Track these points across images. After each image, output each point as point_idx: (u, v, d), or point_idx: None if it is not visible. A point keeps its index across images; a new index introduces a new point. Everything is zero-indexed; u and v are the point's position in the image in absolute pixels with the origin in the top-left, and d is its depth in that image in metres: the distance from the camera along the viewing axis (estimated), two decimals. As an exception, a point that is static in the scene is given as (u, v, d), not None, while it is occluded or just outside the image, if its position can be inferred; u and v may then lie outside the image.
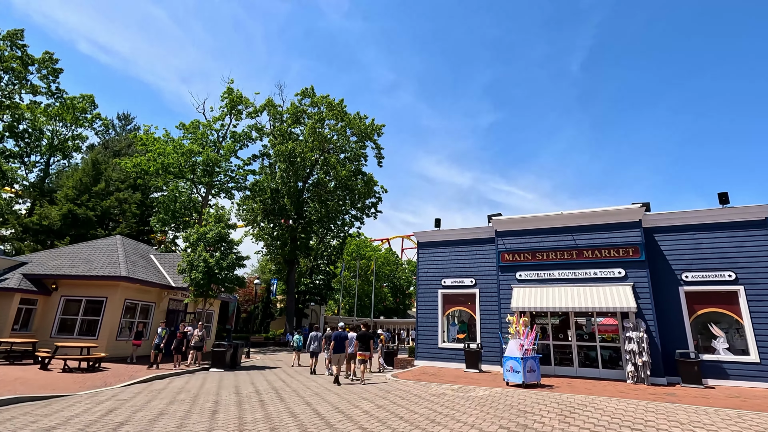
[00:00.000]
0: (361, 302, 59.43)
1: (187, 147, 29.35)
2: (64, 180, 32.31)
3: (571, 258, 15.88)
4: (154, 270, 20.05)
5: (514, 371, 12.45)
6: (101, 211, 30.21)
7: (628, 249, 15.08)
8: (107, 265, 17.62)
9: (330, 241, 45.46)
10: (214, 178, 32.88)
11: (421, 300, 19.16)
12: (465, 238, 18.87)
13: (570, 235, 16.15)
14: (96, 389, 10.92)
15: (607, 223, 15.63)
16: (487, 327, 17.29)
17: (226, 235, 18.81)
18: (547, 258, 16.26)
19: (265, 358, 22.71)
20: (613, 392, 11.53)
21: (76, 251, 19.09)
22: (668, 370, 13.78)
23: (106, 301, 17.07)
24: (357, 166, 39.07)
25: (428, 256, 19.54)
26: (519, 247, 16.84)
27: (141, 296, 18.63)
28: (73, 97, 38.20)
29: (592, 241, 15.73)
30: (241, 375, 14.91)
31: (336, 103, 37.48)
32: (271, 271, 44.75)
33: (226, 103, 33.98)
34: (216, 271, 17.57)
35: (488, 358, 16.77)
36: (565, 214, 16.19)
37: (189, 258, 17.79)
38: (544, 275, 16.11)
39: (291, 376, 15.06)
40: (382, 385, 12.74)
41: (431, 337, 18.34)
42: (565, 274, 15.79)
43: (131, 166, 29.91)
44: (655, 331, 13.97)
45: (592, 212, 15.84)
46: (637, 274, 14.74)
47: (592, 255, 15.57)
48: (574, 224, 16.13)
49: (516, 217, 17.11)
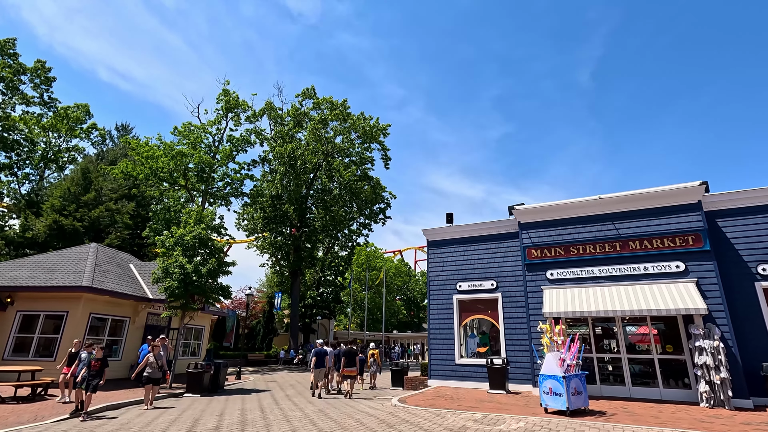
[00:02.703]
0: (373, 316, 56.46)
1: (178, 149, 27.34)
2: (52, 190, 30.59)
3: (613, 251, 13.04)
4: (129, 280, 17.74)
5: (555, 394, 9.61)
6: (90, 222, 28.28)
7: (687, 237, 12.19)
8: (70, 275, 15.37)
9: (338, 251, 43.00)
10: (211, 186, 30.83)
11: (434, 308, 16.41)
12: (482, 234, 16.16)
13: (611, 223, 13.34)
14: (11, 428, 8.45)
15: (658, 207, 12.80)
16: (513, 338, 14.45)
17: (207, 238, 16.45)
18: (583, 252, 13.45)
19: (259, 379, 20.07)
20: (692, 422, 8.60)
21: (40, 261, 16.93)
22: (753, 389, 10.76)
23: (66, 315, 14.75)
24: (363, 171, 36.77)
25: (440, 257, 16.85)
26: (548, 241, 14.08)
27: (112, 310, 16.29)
28: (67, 107, 36.90)
29: (640, 229, 12.89)
30: (215, 403, 12.30)
31: (339, 104, 35.41)
32: (275, 284, 42.30)
33: (222, 106, 32.08)
34: (194, 278, 15.15)
35: (516, 376, 13.90)
36: (604, 199, 13.41)
37: (164, 264, 15.44)
38: (581, 273, 13.28)
39: (277, 402, 12.41)
40: (387, 413, 10.02)
41: (446, 352, 15.54)
42: (608, 271, 12.94)
43: (118, 172, 28.03)
44: (731, 339, 10.99)
45: (638, 194, 13.03)
46: (702, 268, 11.82)
47: (641, 246, 12.71)
48: (616, 210, 13.33)
49: (543, 206, 14.38)
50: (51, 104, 36.45)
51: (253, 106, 34.19)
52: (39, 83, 35.15)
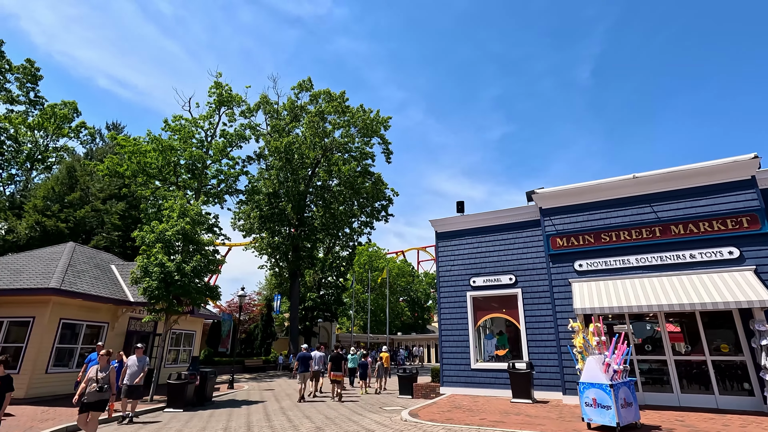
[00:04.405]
0: (376, 318, 54.69)
1: (167, 143, 25.72)
2: (35, 191, 29.01)
3: (652, 237, 11.36)
4: (108, 282, 16.11)
5: (601, 406, 7.92)
6: (75, 223, 26.68)
7: (741, 218, 10.51)
8: (37, 276, 13.74)
9: (339, 251, 41.33)
10: (204, 183, 29.18)
11: (445, 307, 14.74)
12: (498, 223, 14.50)
13: (648, 205, 11.66)
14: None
15: (704, 185, 11.12)
16: (537, 339, 12.78)
17: (192, 234, 14.82)
18: (617, 239, 11.77)
19: (254, 388, 18.40)
20: (778, 440, 6.92)
21: (9, 262, 15.31)
22: (832, 395, 9.06)
23: (33, 321, 13.12)
24: (364, 167, 35.16)
25: (451, 250, 15.18)
26: (575, 228, 12.40)
27: (86, 315, 14.65)
28: (54, 104, 35.44)
29: (683, 211, 11.21)
30: (195, 420, 10.63)
31: (337, 95, 33.82)
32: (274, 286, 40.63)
33: (214, 99, 30.45)
34: (176, 277, 13.52)
35: (542, 382, 12.22)
36: (639, 178, 11.74)
37: (143, 263, 13.82)
38: (615, 263, 11.60)
39: (269, 417, 10.74)
40: (397, 430, 8.35)
41: (461, 356, 13.86)
42: (647, 260, 11.26)
43: (104, 168, 26.43)
44: (803, 335, 9.29)
45: (680, 171, 11.36)
46: (761, 254, 10.14)
47: (685, 231, 11.03)
48: (654, 191, 11.65)
49: (569, 188, 12.71)
50: (37, 102, 35.02)
51: (247, 99, 32.64)
52: (25, 81, 33.70)
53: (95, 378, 7.72)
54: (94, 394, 7.61)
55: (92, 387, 7.64)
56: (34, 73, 34.08)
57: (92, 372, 7.86)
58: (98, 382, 7.68)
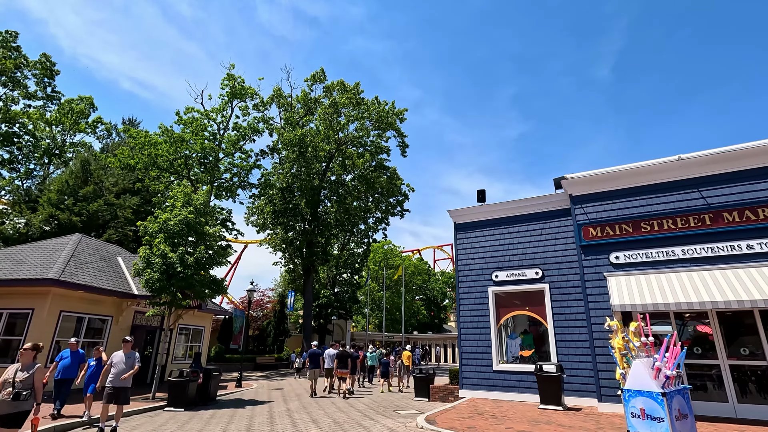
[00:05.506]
0: (392, 316, 53.73)
1: (178, 134, 25.24)
2: (50, 184, 29.00)
3: (701, 225, 10.08)
4: (113, 274, 15.55)
5: (651, 418, 6.77)
6: (88, 216, 26.49)
7: (808, 203, 9.17)
8: (38, 267, 13.22)
9: (353, 248, 40.49)
10: (216, 177, 28.67)
11: (465, 304, 13.66)
12: (522, 213, 13.35)
13: (696, 190, 10.38)
14: None
15: (761, 167, 9.80)
16: (567, 339, 11.60)
17: (196, 224, 14.09)
18: (659, 229, 10.52)
19: (263, 387, 17.65)
20: None
21: (12, 252, 14.89)
22: None
23: (32, 314, 12.58)
24: (379, 161, 34.23)
25: (471, 242, 14.09)
26: (611, 216, 11.18)
27: (89, 308, 14.08)
28: (71, 99, 35.55)
29: (737, 196, 9.90)
30: (194, 421, 9.84)
31: (351, 87, 32.93)
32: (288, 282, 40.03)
33: (227, 92, 29.90)
34: (179, 269, 12.80)
35: (573, 387, 11.05)
36: (685, 160, 10.46)
37: (145, 254, 13.15)
38: (658, 254, 10.35)
39: (273, 421, 9.89)
40: (410, 442, 7.37)
41: (482, 356, 12.77)
42: (695, 251, 9.99)
43: (116, 161, 26.13)
44: None
45: (731, 152, 10.04)
46: (834, 243, 8.80)
47: (740, 218, 9.72)
48: (702, 174, 10.37)
49: (603, 172, 11.49)
50: (54, 98, 35.16)
51: (260, 93, 32.11)
52: (42, 76, 33.83)
53: (11, 380, 5.43)
54: (6, 404, 5.30)
55: (5, 394, 5.34)
56: (50, 68, 34.16)
57: (9, 372, 5.55)
58: (14, 386, 5.37)
